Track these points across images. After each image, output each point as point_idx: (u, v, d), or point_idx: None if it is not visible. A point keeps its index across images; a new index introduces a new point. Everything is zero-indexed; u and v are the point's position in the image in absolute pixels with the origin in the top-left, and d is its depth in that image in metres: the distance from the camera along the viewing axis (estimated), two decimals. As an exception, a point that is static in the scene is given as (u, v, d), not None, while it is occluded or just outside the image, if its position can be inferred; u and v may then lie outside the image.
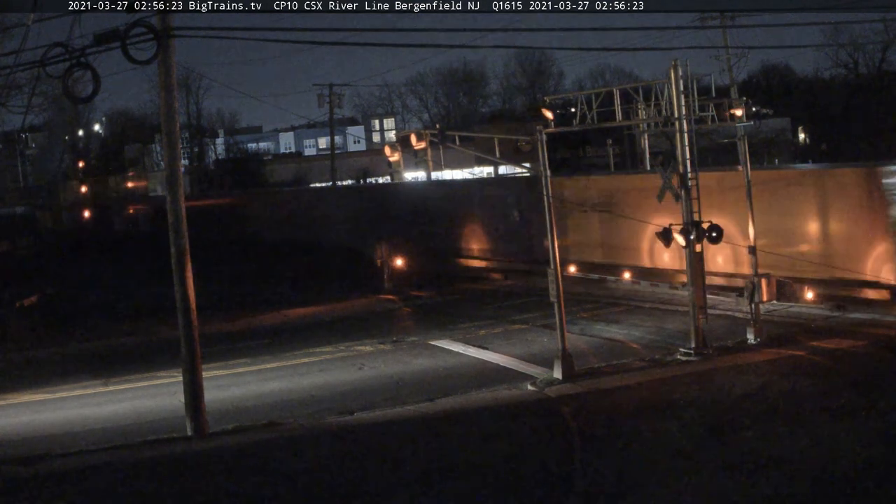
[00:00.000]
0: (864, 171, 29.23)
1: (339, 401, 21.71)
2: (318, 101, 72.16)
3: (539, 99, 23.80)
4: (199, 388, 19.41)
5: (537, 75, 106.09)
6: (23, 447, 19.19)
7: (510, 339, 27.55)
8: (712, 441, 16.65)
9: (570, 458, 16.26)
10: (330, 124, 75.07)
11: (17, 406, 23.77)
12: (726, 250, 28.48)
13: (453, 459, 16.60)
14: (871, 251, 27.00)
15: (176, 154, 19.67)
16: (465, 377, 23.15)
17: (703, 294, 23.60)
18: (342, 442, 18.30)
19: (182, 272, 19.28)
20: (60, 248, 72.46)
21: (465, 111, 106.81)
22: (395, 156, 49.64)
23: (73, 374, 26.71)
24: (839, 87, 77.08)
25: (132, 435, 19.59)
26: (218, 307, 35.23)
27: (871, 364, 21.20)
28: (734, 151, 26.00)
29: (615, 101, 25.77)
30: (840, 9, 45.02)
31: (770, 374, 20.66)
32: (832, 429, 16.69)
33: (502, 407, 20.19)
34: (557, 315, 22.20)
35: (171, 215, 19.35)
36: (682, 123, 23.53)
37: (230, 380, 24.66)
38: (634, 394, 20.24)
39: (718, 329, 25.31)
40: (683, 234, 23.01)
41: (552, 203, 22.25)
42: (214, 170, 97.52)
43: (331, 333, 30.26)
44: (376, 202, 53.60)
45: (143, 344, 31.10)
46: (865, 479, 14.35)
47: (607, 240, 36.13)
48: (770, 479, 14.46)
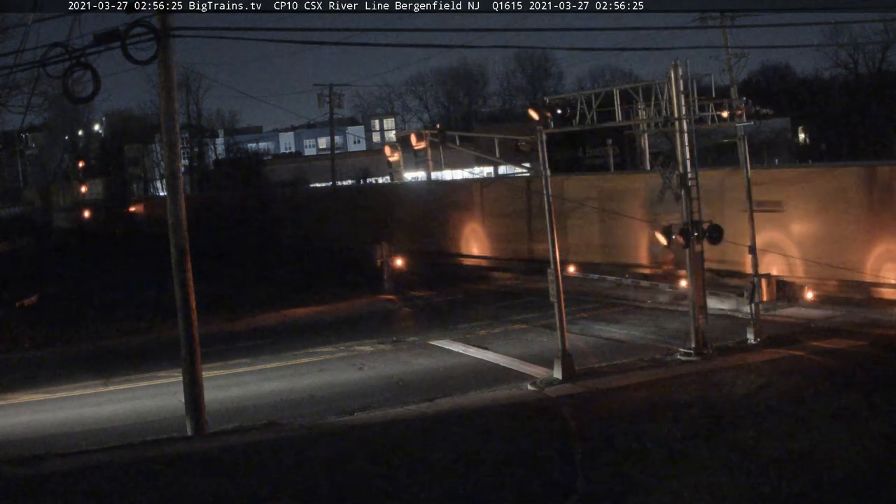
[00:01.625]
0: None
1: (339, 401, 21.71)
2: (318, 101, 72.12)
3: (539, 99, 23.79)
4: (199, 388, 19.40)
5: (537, 75, 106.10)
6: (23, 447, 19.18)
7: (510, 339, 27.55)
8: (712, 441, 16.64)
9: (569, 458, 16.24)
10: (330, 124, 75.07)
11: (17, 406, 23.77)
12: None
13: (453, 459, 16.59)
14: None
15: (176, 154, 19.66)
16: (465, 377, 23.15)
17: (703, 294, 23.60)
18: (342, 442, 18.29)
19: (182, 272, 19.28)
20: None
21: (465, 111, 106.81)
22: (395, 156, 49.85)
23: (73, 374, 26.72)
24: (839, 87, 77.13)
25: (132, 435, 19.59)
26: (218, 307, 35.22)
27: (871, 364, 21.21)
28: (734, 151, 25.99)
29: (615, 102, 25.73)
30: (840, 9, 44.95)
31: (770, 374, 20.67)
32: (832, 429, 16.69)
33: (502, 407, 20.18)
34: (557, 315, 22.19)
35: (170, 216, 19.34)
36: (682, 123, 23.53)
37: (230, 380, 24.66)
38: (634, 394, 20.24)
39: (718, 329, 25.31)
40: (683, 234, 23.01)
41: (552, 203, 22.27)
42: (214, 170, 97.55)
43: (331, 333, 30.26)
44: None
45: (143, 344, 31.11)
46: (865, 479, 14.36)
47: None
48: (770, 479, 14.45)
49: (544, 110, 22.99)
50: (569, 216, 36.20)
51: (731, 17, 50.53)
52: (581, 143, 69.69)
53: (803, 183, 30.41)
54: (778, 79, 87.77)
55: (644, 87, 25.22)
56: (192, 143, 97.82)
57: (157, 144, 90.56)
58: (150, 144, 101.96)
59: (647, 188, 32.49)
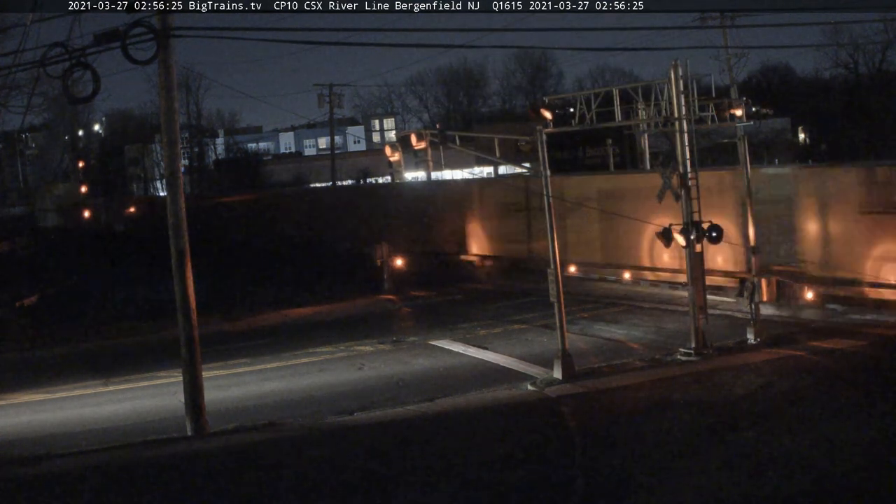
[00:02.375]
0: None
1: (339, 401, 21.70)
2: (318, 101, 72.18)
3: (539, 99, 23.73)
4: (199, 388, 19.41)
5: (537, 75, 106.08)
6: (23, 447, 19.19)
7: (510, 339, 27.55)
8: (712, 441, 16.65)
9: (570, 458, 16.25)
10: (330, 124, 75.08)
11: (17, 406, 23.77)
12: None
13: (453, 459, 16.59)
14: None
15: (176, 154, 19.66)
16: (465, 377, 23.15)
17: (703, 294, 23.60)
18: (342, 442, 18.29)
19: (182, 272, 19.28)
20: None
21: (465, 111, 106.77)
22: (395, 156, 49.76)
23: (73, 374, 26.71)
24: (839, 87, 77.10)
25: (132, 435, 19.58)
26: (218, 307, 35.22)
27: (871, 364, 21.20)
28: (734, 151, 26.00)
29: (615, 102, 25.75)
30: (840, 9, 44.99)
31: (770, 374, 20.67)
32: (832, 429, 16.69)
33: (502, 407, 20.19)
34: (557, 315, 22.20)
35: (171, 216, 19.35)
36: (682, 123, 23.54)
37: (230, 380, 24.66)
38: (634, 394, 20.23)
39: (718, 329, 25.31)
40: (683, 234, 23.01)
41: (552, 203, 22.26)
42: (214, 170, 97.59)
43: (331, 333, 30.26)
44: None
45: (143, 344, 31.10)
46: (865, 479, 14.35)
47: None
48: (770, 479, 14.45)
49: (544, 110, 23.01)
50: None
51: (731, 17, 50.60)
52: (581, 143, 69.63)
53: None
54: (778, 79, 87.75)
55: (644, 87, 25.24)
56: (192, 143, 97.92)
57: (157, 144, 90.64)
58: (150, 144, 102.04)
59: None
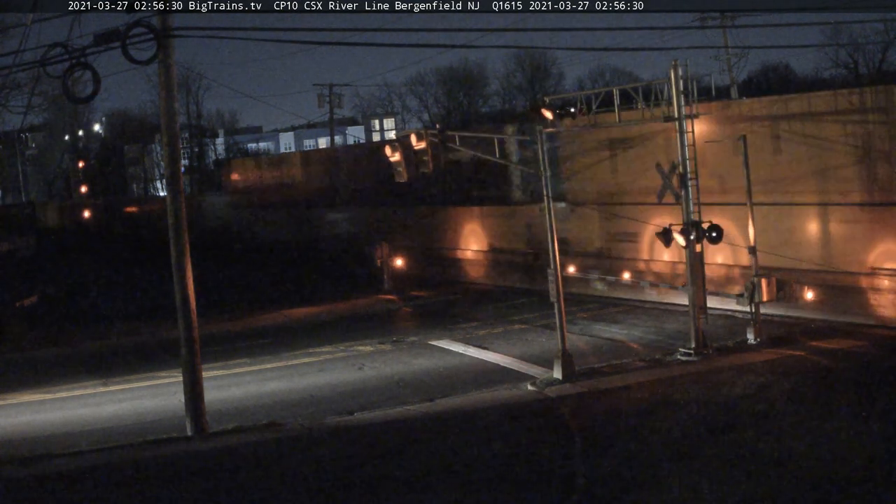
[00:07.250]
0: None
1: (339, 401, 21.72)
2: (318, 101, 72.12)
3: (539, 99, 23.75)
4: (199, 388, 19.42)
5: (537, 75, 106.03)
6: (23, 447, 19.19)
7: (510, 339, 27.56)
8: (712, 441, 16.65)
9: (569, 458, 16.25)
10: (330, 124, 75.04)
11: (17, 406, 23.78)
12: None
13: (453, 459, 16.60)
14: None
15: (176, 154, 19.67)
16: (465, 377, 23.16)
17: (703, 294, 23.60)
18: (342, 442, 18.30)
19: (182, 272, 19.28)
20: None
21: (465, 111, 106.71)
22: (395, 156, 49.71)
23: (73, 374, 26.73)
24: (839, 87, 77.05)
25: (132, 435, 19.59)
26: (218, 307, 35.23)
27: (871, 364, 21.20)
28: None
29: (615, 102, 25.75)
30: (840, 9, 45.07)
31: (770, 374, 20.66)
32: (832, 429, 16.68)
33: (502, 407, 20.19)
34: (557, 315, 22.20)
35: (171, 216, 19.36)
36: (682, 123, 23.54)
37: (230, 380, 24.67)
38: (634, 394, 20.24)
39: (718, 329, 25.31)
40: (683, 234, 23.00)
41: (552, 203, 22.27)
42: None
43: (331, 333, 30.27)
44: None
45: (143, 344, 31.11)
46: (865, 479, 14.35)
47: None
48: (770, 479, 14.46)
49: (545, 110, 23.05)
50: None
51: (731, 17, 50.68)
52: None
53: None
54: (778, 79, 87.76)
55: (644, 87, 25.22)
56: (192, 143, 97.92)
57: (157, 144, 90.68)
58: (150, 144, 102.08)
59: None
